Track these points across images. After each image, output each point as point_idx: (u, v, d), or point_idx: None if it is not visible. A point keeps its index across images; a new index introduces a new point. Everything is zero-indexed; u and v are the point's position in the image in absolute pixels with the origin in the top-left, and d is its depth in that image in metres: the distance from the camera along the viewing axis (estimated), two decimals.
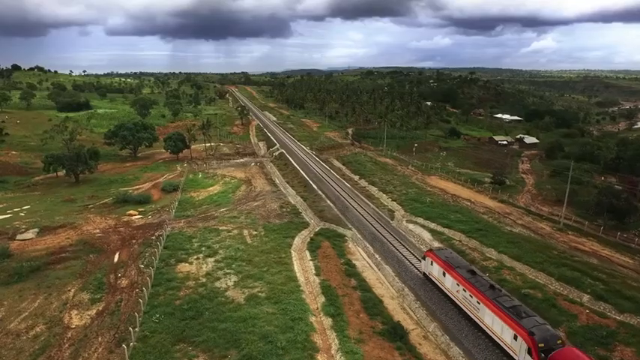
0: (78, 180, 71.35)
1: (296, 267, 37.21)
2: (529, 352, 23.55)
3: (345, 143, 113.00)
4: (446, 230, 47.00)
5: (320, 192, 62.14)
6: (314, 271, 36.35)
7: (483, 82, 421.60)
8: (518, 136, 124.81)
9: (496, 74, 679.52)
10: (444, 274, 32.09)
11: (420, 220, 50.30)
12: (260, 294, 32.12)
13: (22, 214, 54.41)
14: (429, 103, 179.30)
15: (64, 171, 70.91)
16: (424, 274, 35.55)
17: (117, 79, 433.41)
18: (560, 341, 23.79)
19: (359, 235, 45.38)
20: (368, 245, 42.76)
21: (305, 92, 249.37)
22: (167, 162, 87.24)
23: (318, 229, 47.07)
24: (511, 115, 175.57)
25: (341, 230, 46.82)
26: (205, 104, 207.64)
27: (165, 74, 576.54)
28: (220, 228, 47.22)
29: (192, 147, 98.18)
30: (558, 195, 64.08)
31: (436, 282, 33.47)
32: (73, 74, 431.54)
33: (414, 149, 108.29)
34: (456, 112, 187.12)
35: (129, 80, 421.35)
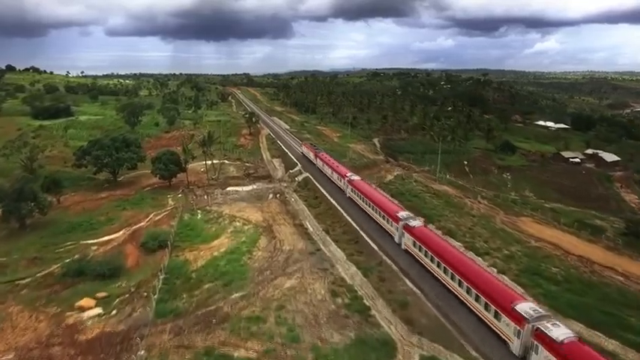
0: (25, 226, 49.86)
1: None
2: (314, 158, 72.81)
3: (378, 160, 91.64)
4: None
5: (383, 255, 40.56)
6: None
7: (497, 83, 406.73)
8: (590, 152, 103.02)
9: (500, 76, 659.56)
10: (306, 149, 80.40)
11: (578, 327, 28.66)
12: None
13: None
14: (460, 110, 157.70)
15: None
16: (302, 152, 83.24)
17: (115, 80, 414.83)
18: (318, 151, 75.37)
19: None
20: None
21: (315, 95, 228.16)
22: (156, 190, 65.82)
23: (416, 359, 25.59)
24: (555, 122, 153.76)
25: None
26: (207, 108, 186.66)
27: (166, 75, 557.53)
28: (236, 355, 25.84)
29: (190, 166, 77.24)
30: None
31: (305, 155, 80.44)
32: (70, 75, 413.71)
33: (467, 169, 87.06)
34: (488, 118, 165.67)
35: (127, 81, 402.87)
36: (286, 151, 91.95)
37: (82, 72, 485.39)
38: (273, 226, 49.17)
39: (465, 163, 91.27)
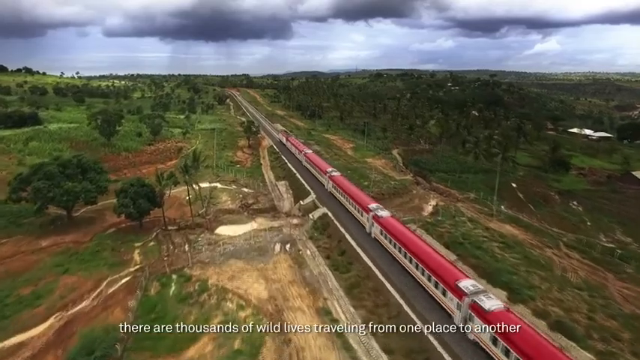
0: None
1: None
2: (285, 140, 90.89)
3: (407, 182, 74.12)
4: None
5: None
6: None
7: (507, 85, 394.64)
8: None
9: (502, 77, 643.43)
10: (281, 135, 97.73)
11: None
12: None
13: None
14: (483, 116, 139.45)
15: None
16: (279, 140, 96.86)
17: (108, 81, 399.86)
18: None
19: None
20: None
21: (320, 97, 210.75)
22: (120, 235, 48.28)
23: None
24: (594, 130, 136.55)
25: None
26: (202, 112, 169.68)
27: (164, 76, 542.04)
28: None
29: (173, 192, 60.66)
30: None
31: (280, 140, 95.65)
32: (65, 76, 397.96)
33: (520, 195, 69.78)
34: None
35: (121, 82, 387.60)
36: (294, 171, 74.41)
37: (78, 73, 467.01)
38: (285, 312, 31.77)
39: (514, 186, 73.97)
